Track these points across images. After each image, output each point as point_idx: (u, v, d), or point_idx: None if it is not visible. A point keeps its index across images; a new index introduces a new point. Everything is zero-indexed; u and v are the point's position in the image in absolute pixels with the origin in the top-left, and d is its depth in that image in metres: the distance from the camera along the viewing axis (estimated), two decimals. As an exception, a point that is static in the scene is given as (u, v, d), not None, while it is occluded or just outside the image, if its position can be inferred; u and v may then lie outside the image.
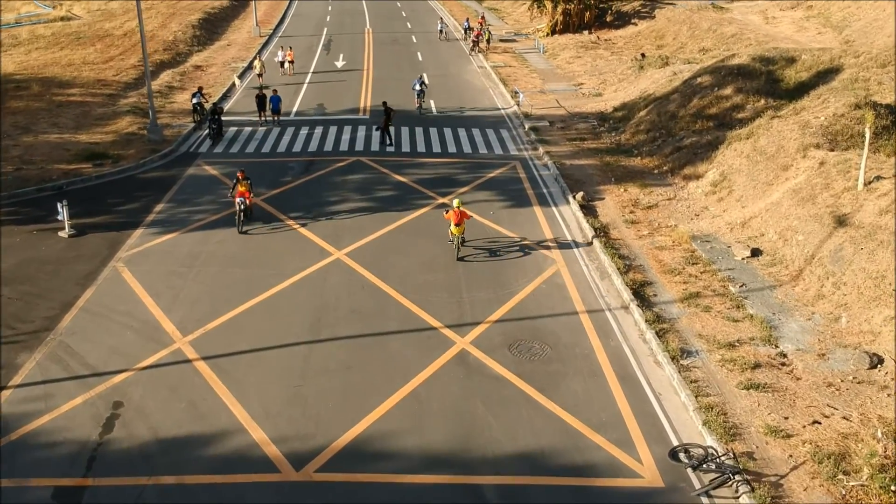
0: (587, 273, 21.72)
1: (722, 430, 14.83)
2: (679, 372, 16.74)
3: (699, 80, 34.98)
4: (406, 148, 32.66)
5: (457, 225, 21.99)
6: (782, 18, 52.42)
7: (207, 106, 34.71)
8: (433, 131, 35.03)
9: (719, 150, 28.45)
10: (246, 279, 20.95)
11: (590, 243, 23.59)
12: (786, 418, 15.32)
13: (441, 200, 26.69)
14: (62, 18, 59.92)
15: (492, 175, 29.48)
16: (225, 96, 40.81)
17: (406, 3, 78.40)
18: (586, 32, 58.50)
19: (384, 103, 33.91)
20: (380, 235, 23.92)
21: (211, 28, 60.12)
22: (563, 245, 23.53)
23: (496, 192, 27.65)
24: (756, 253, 22.42)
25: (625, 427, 15.16)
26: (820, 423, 15.20)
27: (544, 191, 28.02)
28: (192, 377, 16.60)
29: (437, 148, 32.65)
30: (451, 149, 32.52)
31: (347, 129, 34.87)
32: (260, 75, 42.19)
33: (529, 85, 43.81)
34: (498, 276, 21.40)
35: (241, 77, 43.72)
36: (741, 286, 20.75)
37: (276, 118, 35.06)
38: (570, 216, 25.76)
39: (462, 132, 34.89)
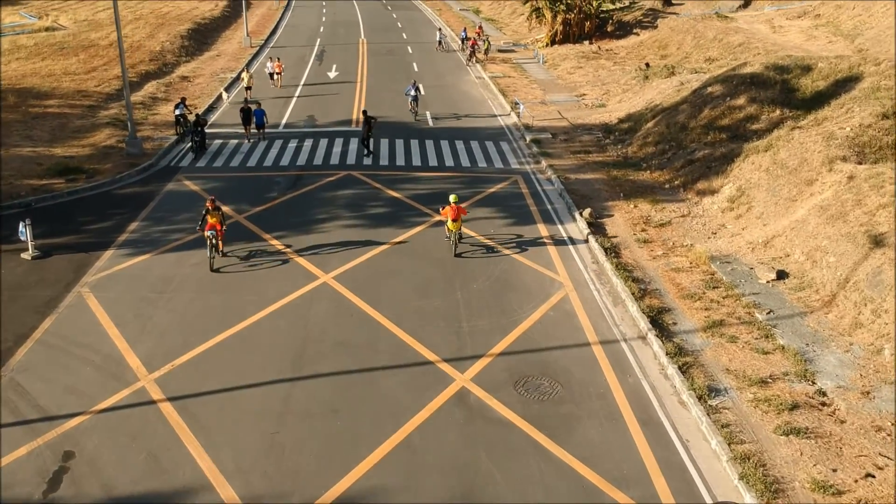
0: (599, 298, 19.78)
1: (762, 485, 12.86)
2: (708, 414, 14.79)
3: (710, 89, 33.20)
4: (400, 161, 30.78)
5: (454, 220, 21.60)
6: (790, 27, 50.79)
7: (191, 118, 32.80)
8: (429, 143, 33.17)
9: (735, 164, 26.60)
10: (222, 306, 18.97)
11: (600, 265, 21.67)
12: (834, 470, 13.36)
13: (438, 218, 24.77)
14: (47, 29, 58.11)
15: (492, 190, 27.59)
16: (211, 108, 38.95)
17: (402, 14, 76.85)
18: (587, 43, 56.87)
19: (364, 112, 32.09)
20: (371, 256, 21.97)
21: (200, 39, 58.36)
22: (571, 267, 21.60)
23: (497, 209, 25.76)
24: (782, 275, 20.51)
25: (650, 482, 13.18)
26: (874, 477, 13.24)
27: (548, 207, 26.13)
28: (156, 422, 14.59)
29: (433, 161, 30.77)
30: (449, 162, 30.64)
31: (338, 142, 33.00)
32: (248, 88, 40.17)
33: (530, 96, 42.03)
34: (500, 301, 19.46)
35: (228, 89, 41.82)
36: (768, 313, 18.83)
37: (260, 133, 33.01)
38: (576, 234, 23.85)
39: (460, 145, 33.03)
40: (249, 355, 16.82)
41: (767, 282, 20.40)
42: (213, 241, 21.00)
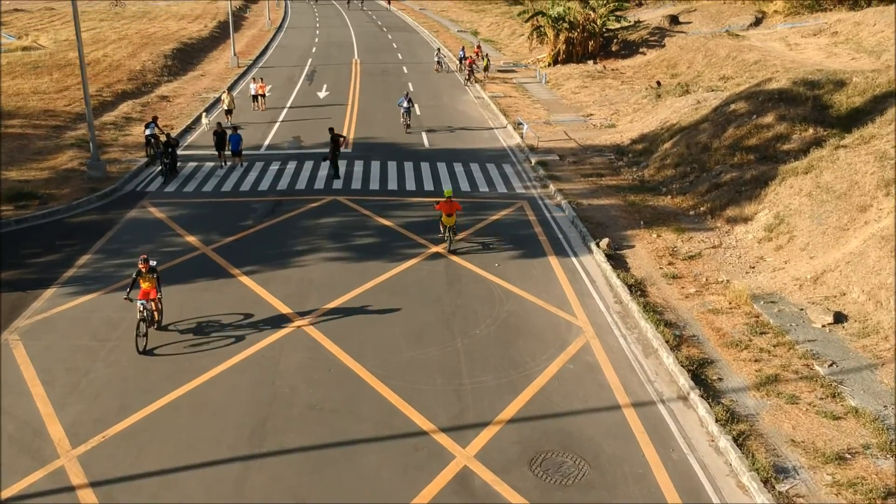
0: (626, 347, 16.57)
1: None
2: (779, 505, 11.54)
3: (733, 107, 30.25)
4: (392, 185, 27.69)
5: (448, 215, 21.22)
6: (806, 45, 48.10)
7: (163, 138, 29.75)
8: (424, 166, 30.11)
9: (770, 188, 23.54)
10: (173, 358, 15.73)
11: (625, 305, 18.49)
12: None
13: (434, 249, 21.64)
14: (24, 48, 55.36)
15: (495, 217, 24.49)
16: (189, 129, 35.95)
17: (399, 36, 74.32)
18: (591, 62, 54.14)
19: (330, 129, 29.11)
20: (356, 295, 18.78)
21: (185, 58, 55.60)
22: (590, 307, 18.42)
23: (501, 239, 22.62)
24: (840, 318, 17.35)
25: None
26: None
27: (560, 236, 23.00)
28: (68, 519, 11.32)
29: (428, 185, 27.69)
30: (445, 186, 27.54)
31: (325, 165, 29.92)
32: (228, 111, 36.37)
33: (533, 116, 39.10)
34: (509, 351, 16.25)
35: (207, 111, 38.65)
36: (830, 365, 15.64)
37: (238, 160, 29.80)
38: (594, 269, 20.68)
39: (458, 167, 29.98)
40: (199, 423, 13.56)
41: (823, 326, 17.23)
42: (145, 314, 15.97)
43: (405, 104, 35.57)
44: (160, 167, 28.45)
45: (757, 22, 55.88)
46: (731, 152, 27.61)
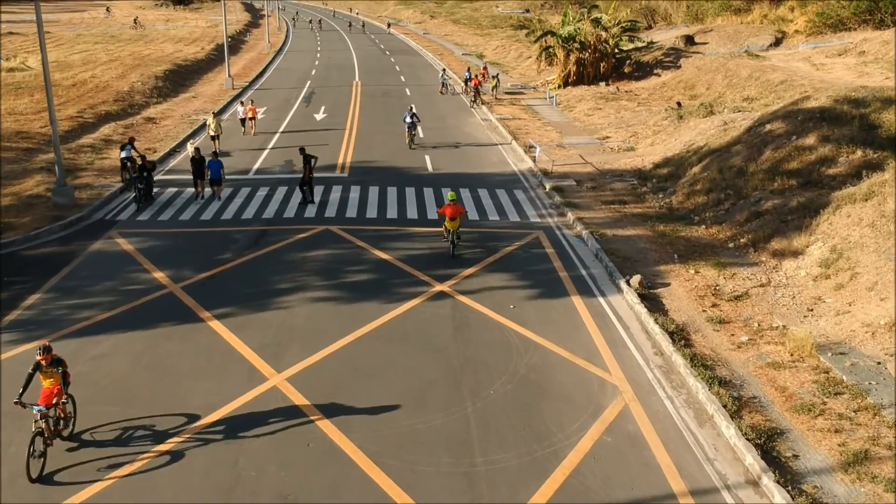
0: (674, 412, 13.53)
1: None
2: None
3: (768, 127, 27.42)
4: (392, 213, 24.80)
5: (451, 219, 20.50)
6: (832, 65, 45.43)
7: (140, 162, 26.95)
8: (428, 192, 27.25)
9: (822, 217, 20.60)
10: (116, 430, 12.71)
11: (667, 358, 15.47)
12: None
13: (438, 288, 18.70)
14: (10, 70, 52.93)
15: (508, 250, 21.54)
16: (173, 152, 33.20)
17: (402, 59, 71.98)
18: (603, 84, 51.52)
19: (301, 149, 26.36)
20: (345, 344, 15.80)
21: (178, 80, 53.12)
22: (625, 360, 15.41)
23: (516, 276, 19.65)
24: (930, 375, 14.32)
25: None
26: None
27: (583, 272, 20.03)
28: None
29: (432, 213, 24.79)
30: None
31: (317, 191, 27.08)
32: (214, 137, 32.67)
33: (545, 138, 36.33)
34: (531, 417, 13.23)
35: (192, 136, 35.72)
36: (930, 437, 12.58)
37: (216, 190, 26.29)
38: (626, 311, 17.69)
39: (465, 193, 27.10)
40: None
41: (911, 384, 14.21)
42: (42, 427, 11.51)
43: (409, 119, 34.11)
44: (134, 193, 25.58)
45: (777, 42, 53.32)
46: (769, 177, 24.72)
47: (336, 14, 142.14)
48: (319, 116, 42.14)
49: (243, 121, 36.81)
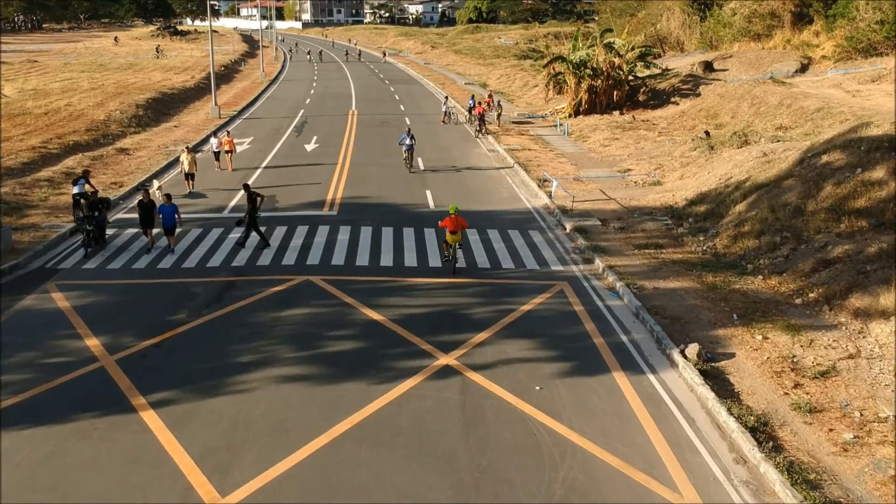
0: (781, 563, 9.46)
1: None
2: None
3: (824, 159, 23.60)
4: (387, 260, 20.87)
5: (452, 233, 19.53)
6: (868, 91, 41.88)
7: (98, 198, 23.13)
8: (429, 234, 23.38)
9: (915, 267, 16.67)
10: None
11: (753, 468, 11.42)
12: None
13: (443, 360, 14.74)
14: (-20, 98, 49.52)
15: (527, 307, 17.59)
16: (140, 186, 29.40)
17: (402, 88, 68.63)
18: (616, 113, 47.96)
19: (245, 185, 22.74)
20: (316, 451, 11.77)
21: (161, 108, 49.60)
22: (697, 471, 11.37)
23: (540, 343, 15.68)
24: None
25: None
26: None
27: (623, 338, 16.05)
28: None
29: (434, 260, 20.88)
30: (458, 262, 20.74)
31: (300, 231, 23.24)
32: (189, 176, 28.25)
33: (560, 171, 32.56)
34: (577, 572, 9.15)
35: (159, 174, 31.94)
36: None
37: (170, 241, 21.66)
38: (685, 395, 13.69)
39: (473, 235, 23.23)
40: None
41: None
42: None
43: (407, 141, 32.39)
44: (83, 236, 21.69)
45: (803, 68, 49.86)
46: (834, 216, 20.84)
47: (335, 45, 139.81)
48: (310, 147, 38.44)
49: (218, 154, 32.71)
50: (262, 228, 22.84)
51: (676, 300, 17.89)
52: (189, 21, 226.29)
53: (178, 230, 21.82)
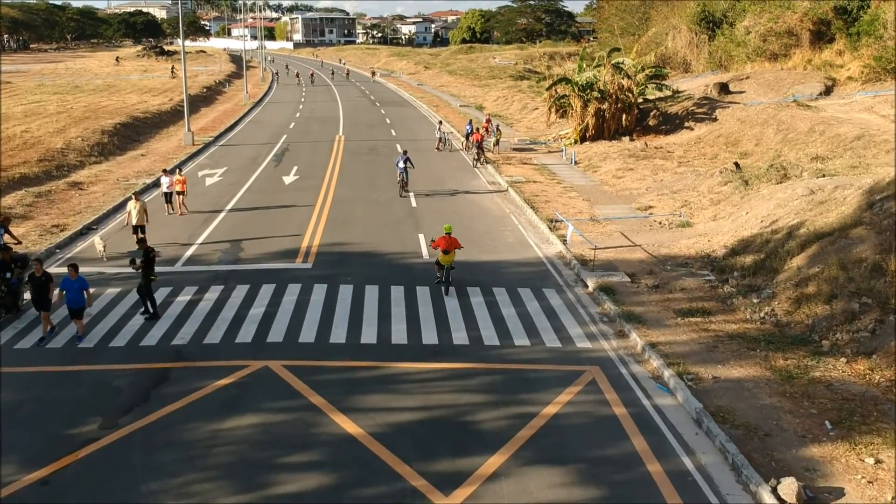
0: None
1: None
2: None
3: (901, 201, 19.55)
4: (369, 335, 16.62)
5: (445, 252, 18.94)
6: (906, 116, 38.03)
7: (33, 256, 18.89)
8: (422, 294, 19.19)
9: None
10: None
11: None
12: None
13: (444, 503, 10.47)
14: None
15: (552, 409, 13.35)
16: (87, 230, 25.21)
17: (393, 111, 64.69)
18: (626, 139, 44.03)
19: (140, 240, 18.57)
20: None
21: (130, 135, 45.47)
22: None
23: (576, 476, 11.43)
24: None
25: None
26: None
27: (687, 464, 11.82)
28: None
29: (429, 335, 16.64)
30: (459, 335, 16.59)
31: (265, 293, 19.01)
32: (138, 229, 22.90)
33: (572, 209, 28.49)
34: None
35: (104, 223, 27.49)
36: None
37: (78, 328, 16.31)
38: (794, 570, 9.43)
39: (475, 296, 19.03)
40: None
41: None
42: None
43: (401, 164, 31.13)
44: (-8, 302, 17.38)
45: (827, 91, 46.05)
46: (926, 278, 16.74)
47: (324, 64, 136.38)
48: (289, 179, 34.29)
49: (168, 195, 27.42)
50: (218, 289, 18.62)
51: (746, 397, 13.68)
52: (179, 41, 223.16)
53: (87, 310, 16.62)
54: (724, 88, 47.35)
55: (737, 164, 31.00)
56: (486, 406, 13.38)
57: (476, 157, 38.51)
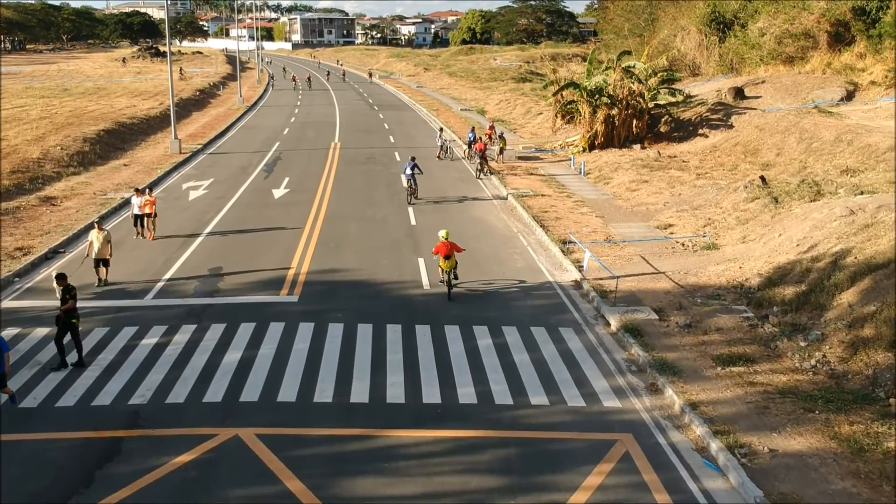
0: None
1: None
2: None
3: (966, 229, 17.20)
4: (360, 391, 14.27)
5: (446, 258, 18.90)
6: (938, 124, 35.72)
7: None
8: (422, 334, 16.86)
9: None
10: None
11: None
12: None
13: None
14: None
15: (581, 498, 11.00)
16: (53, 253, 22.89)
17: (391, 115, 62.41)
18: (637, 147, 41.74)
19: (58, 277, 15.43)
20: None
21: (114, 142, 43.17)
22: None
23: None
24: None
25: None
26: None
27: (751, 577, 9.47)
28: None
29: (430, 391, 14.29)
30: (464, 389, 14.27)
31: (242, 334, 16.68)
32: (100, 263, 19.83)
33: (584, 226, 26.20)
34: None
35: (55, 255, 24.84)
36: None
37: (7, 392, 13.41)
38: None
39: (483, 340, 16.68)
40: None
41: None
42: None
43: (409, 171, 30.13)
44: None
45: (849, 96, 43.75)
46: None
47: (321, 65, 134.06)
48: (279, 193, 31.97)
49: (138, 218, 24.31)
50: (189, 329, 16.32)
51: (814, 480, 11.35)
52: (178, 41, 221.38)
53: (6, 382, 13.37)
54: (739, 93, 45.06)
55: (763, 178, 28.64)
56: (500, 492, 11.04)
57: (479, 167, 36.19)
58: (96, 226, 20.58)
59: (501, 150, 39.86)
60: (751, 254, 22.41)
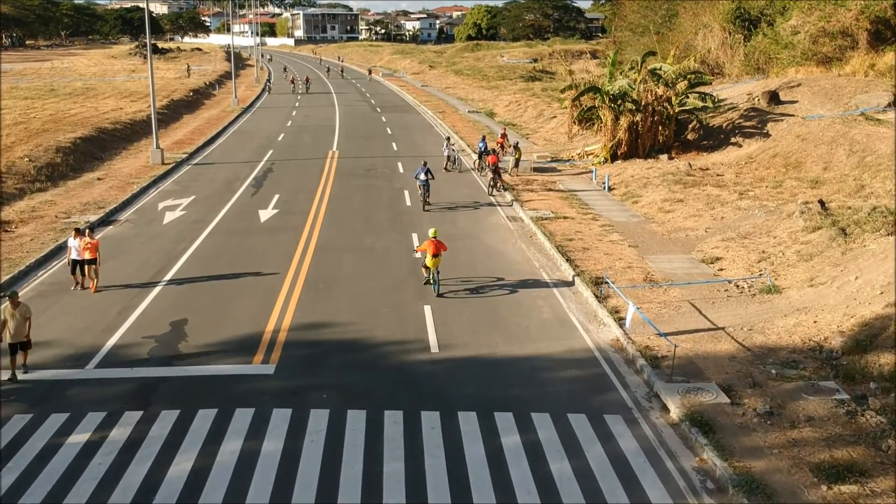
0: None
1: None
2: None
3: None
4: (348, 526, 10.58)
5: (434, 256, 19.20)
6: None
7: None
8: (429, 427, 13.13)
9: None
10: None
11: None
12: None
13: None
14: None
15: None
16: (7, 286, 19.23)
17: (395, 118, 58.67)
18: (663, 156, 37.99)
19: None
20: None
21: (92, 151, 39.52)
22: None
23: None
24: None
25: None
26: None
27: None
28: None
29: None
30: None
31: (199, 429, 12.97)
32: (18, 347, 14.81)
33: (617, 260, 22.46)
34: None
35: (46, 262, 21.32)
36: None
37: None
38: None
39: (509, 437, 12.96)
40: None
41: None
42: None
43: (422, 177, 29.11)
44: None
45: (896, 101, 39.73)
46: None
47: (322, 61, 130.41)
48: (266, 215, 28.26)
49: (77, 264, 19.81)
50: (132, 420, 12.61)
51: None
52: (179, 38, 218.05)
53: None
54: (774, 97, 41.11)
55: (822, 203, 24.81)
56: None
57: (492, 182, 32.41)
58: (9, 301, 15.09)
59: (517, 163, 36.12)
60: (824, 302, 18.61)
